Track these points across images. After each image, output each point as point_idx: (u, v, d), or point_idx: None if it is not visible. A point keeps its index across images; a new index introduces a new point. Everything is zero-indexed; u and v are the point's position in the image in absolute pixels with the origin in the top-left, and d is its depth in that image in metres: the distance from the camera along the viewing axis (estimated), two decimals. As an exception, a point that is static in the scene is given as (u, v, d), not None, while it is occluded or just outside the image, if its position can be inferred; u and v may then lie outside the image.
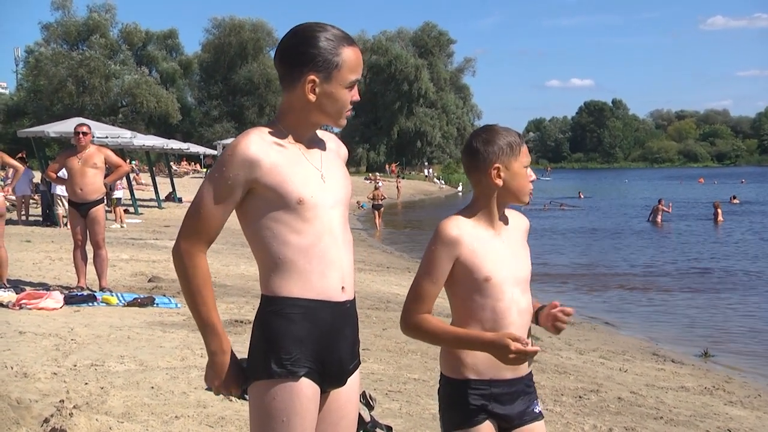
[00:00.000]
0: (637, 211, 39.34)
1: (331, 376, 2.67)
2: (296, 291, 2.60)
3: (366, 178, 56.49)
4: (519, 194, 2.94)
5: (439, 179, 75.22)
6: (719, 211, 34.84)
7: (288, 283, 2.60)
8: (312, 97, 2.64)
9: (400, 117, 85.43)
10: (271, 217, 2.60)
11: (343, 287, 2.68)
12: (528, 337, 2.90)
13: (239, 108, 79.76)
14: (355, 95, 2.70)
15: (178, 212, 23.52)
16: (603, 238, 28.71)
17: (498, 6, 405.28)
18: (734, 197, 46.98)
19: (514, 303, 2.88)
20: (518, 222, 3.07)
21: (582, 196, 54.55)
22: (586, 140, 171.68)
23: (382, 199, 31.77)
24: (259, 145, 2.60)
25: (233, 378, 2.66)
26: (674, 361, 9.81)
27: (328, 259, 2.64)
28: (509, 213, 3.05)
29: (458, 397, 2.88)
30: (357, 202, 39.99)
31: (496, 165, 2.89)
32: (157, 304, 9.36)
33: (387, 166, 78.68)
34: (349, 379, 2.76)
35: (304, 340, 2.60)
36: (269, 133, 2.66)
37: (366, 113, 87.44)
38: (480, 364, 2.85)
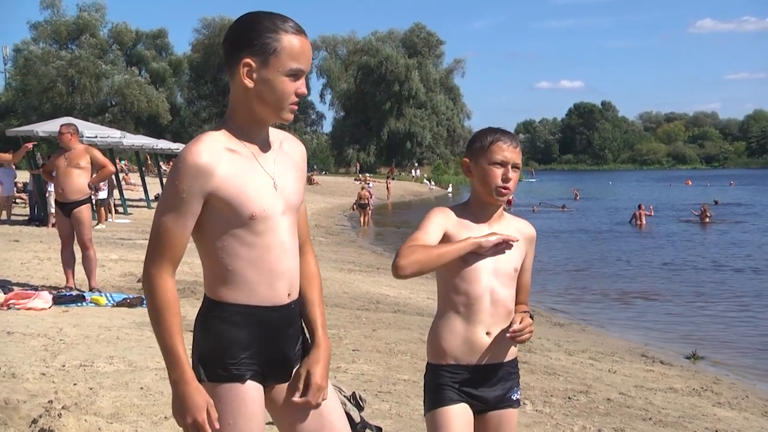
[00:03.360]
0: (625, 213, 39.35)
1: (275, 372, 2.69)
2: (242, 298, 2.59)
3: (356, 179, 56.46)
4: (482, 192, 3.07)
5: (429, 181, 75.23)
6: (707, 213, 34.98)
7: (234, 291, 2.58)
8: (249, 83, 2.54)
9: (390, 118, 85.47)
10: (222, 230, 2.56)
11: (289, 294, 2.67)
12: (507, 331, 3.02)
13: (229, 108, 79.68)
14: (300, 87, 2.58)
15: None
16: (591, 239, 28.81)
17: (489, 9, 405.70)
18: (716, 201, 47.31)
19: (488, 292, 3.01)
20: (521, 227, 3.18)
21: (578, 197, 54.55)
22: (576, 142, 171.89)
23: (367, 199, 32.06)
24: (210, 153, 2.50)
25: (201, 408, 2.51)
26: (663, 362, 9.84)
27: (277, 270, 2.62)
28: (517, 220, 3.21)
29: (437, 380, 3.04)
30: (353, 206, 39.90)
31: (466, 159, 3.11)
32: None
33: (358, 165, 78.54)
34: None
35: (250, 345, 2.59)
36: (220, 136, 2.58)
37: (356, 114, 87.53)
38: (458, 350, 3.02)
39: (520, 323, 2.98)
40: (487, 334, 3.01)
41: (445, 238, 3.00)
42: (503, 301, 3.04)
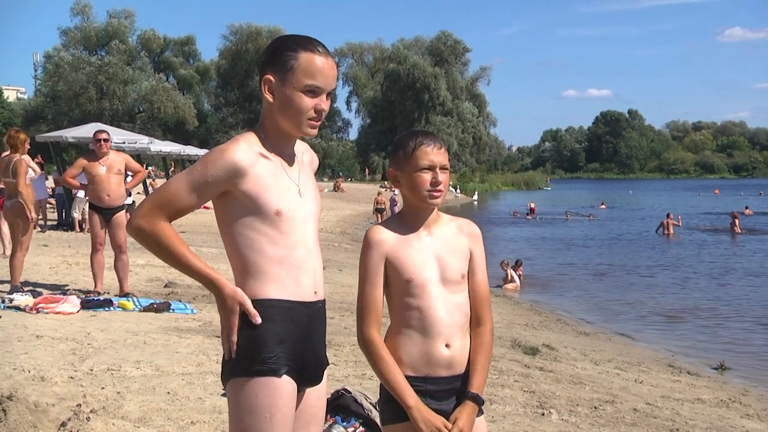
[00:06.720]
0: (651, 223, 39.11)
1: (308, 374, 2.76)
2: (273, 293, 2.68)
3: (381, 186, 56.47)
4: (414, 199, 2.98)
5: (455, 188, 75.11)
6: (737, 221, 34.59)
7: (264, 287, 2.68)
8: (269, 97, 2.72)
9: (417, 125, 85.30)
10: (247, 225, 2.68)
11: (315, 291, 2.78)
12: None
13: (255, 115, 80.00)
14: (319, 104, 2.72)
15: (193, 218, 23.54)
16: (618, 248, 28.63)
17: (516, 16, 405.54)
18: (746, 208, 46.73)
19: (441, 302, 2.93)
20: (462, 226, 3.08)
21: (604, 206, 54.23)
22: (603, 150, 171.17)
23: (384, 204, 32.63)
24: (246, 153, 2.66)
25: (234, 312, 2.65)
26: (690, 372, 9.76)
27: (302, 268, 2.73)
28: (456, 219, 3.11)
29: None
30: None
31: (391, 170, 3.02)
32: (173, 309, 9.39)
33: (367, 170, 78.50)
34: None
35: (285, 340, 2.67)
36: (255, 140, 2.74)
37: (383, 121, 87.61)
38: (416, 361, 2.93)
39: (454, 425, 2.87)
40: (447, 346, 2.93)
41: (388, 264, 2.93)
42: (458, 306, 2.96)
